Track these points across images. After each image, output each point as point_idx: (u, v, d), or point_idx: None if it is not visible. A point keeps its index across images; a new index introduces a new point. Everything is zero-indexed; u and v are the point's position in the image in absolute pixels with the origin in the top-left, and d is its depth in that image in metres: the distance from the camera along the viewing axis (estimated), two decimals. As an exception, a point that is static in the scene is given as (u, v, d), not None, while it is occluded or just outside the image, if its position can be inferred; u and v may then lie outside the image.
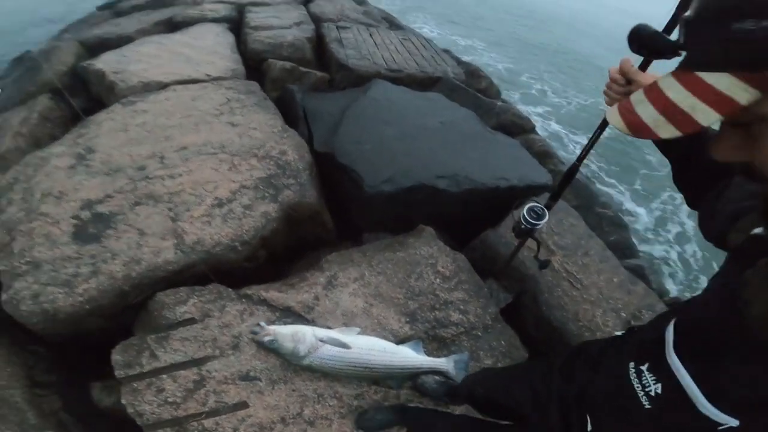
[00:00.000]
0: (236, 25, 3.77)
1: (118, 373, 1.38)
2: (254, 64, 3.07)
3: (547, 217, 1.36)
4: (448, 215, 2.18)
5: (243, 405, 1.34)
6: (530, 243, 1.62)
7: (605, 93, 0.81)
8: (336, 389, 1.44)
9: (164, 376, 1.36)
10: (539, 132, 3.62)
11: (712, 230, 0.66)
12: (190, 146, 1.94)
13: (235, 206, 1.70)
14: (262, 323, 1.43)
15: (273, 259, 1.76)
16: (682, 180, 0.79)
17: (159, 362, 1.38)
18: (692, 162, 0.74)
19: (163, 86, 2.40)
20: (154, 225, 1.63)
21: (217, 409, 1.32)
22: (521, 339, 1.74)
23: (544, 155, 3.00)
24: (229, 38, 3.32)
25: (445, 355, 1.56)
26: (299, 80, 2.95)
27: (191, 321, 1.46)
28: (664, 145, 0.80)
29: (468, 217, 2.24)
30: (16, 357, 1.56)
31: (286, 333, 1.37)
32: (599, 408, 0.72)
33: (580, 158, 1.31)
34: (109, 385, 1.55)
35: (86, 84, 2.70)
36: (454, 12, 13.71)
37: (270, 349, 1.39)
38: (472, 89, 3.33)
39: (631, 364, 0.66)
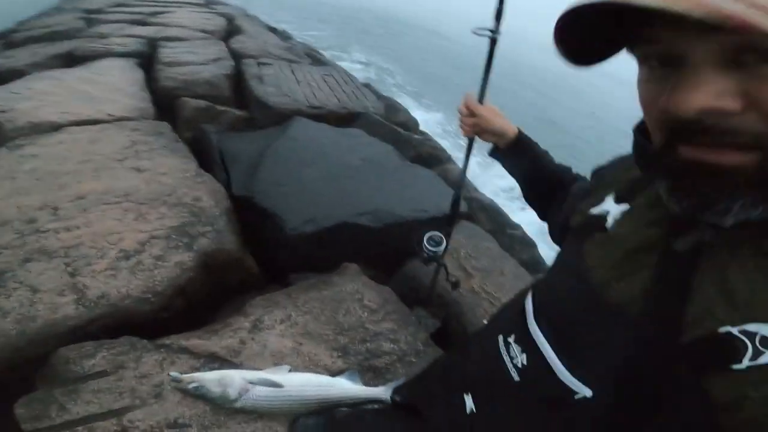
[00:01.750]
0: (147, 60, 3.69)
1: (25, 426, 1.26)
2: (166, 103, 3.03)
3: (444, 244, 1.54)
4: (372, 250, 2.30)
5: None
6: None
7: (463, 128, 1.06)
8: (275, 429, 1.44)
9: (79, 428, 1.27)
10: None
11: (556, 229, 0.80)
12: (89, 195, 1.85)
13: (144, 257, 1.66)
14: (174, 374, 1.37)
15: (193, 306, 1.74)
16: (529, 195, 1.00)
17: (71, 414, 1.29)
18: (532, 177, 0.95)
19: (57, 127, 2.27)
20: (49, 281, 1.54)
21: None
22: (452, 359, 1.90)
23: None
24: (138, 74, 3.24)
25: (382, 384, 1.65)
26: (216, 120, 2.96)
27: (103, 373, 1.40)
28: (510, 166, 1.02)
29: (391, 250, 2.39)
30: None
31: (211, 378, 1.33)
32: (476, 388, 0.75)
33: (459, 185, 1.51)
34: None
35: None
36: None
37: (196, 395, 1.33)
38: (391, 123, 3.58)
39: (500, 337, 0.67)
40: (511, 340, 0.64)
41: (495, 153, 1.07)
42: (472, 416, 0.75)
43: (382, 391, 1.54)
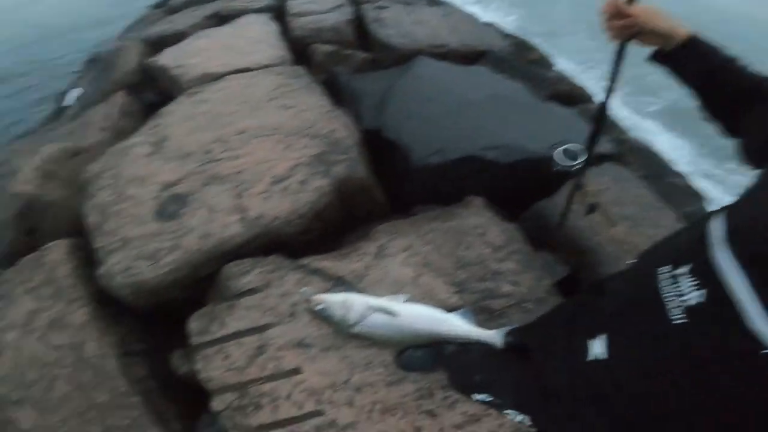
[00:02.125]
0: (278, 13, 3.99)
1: (193, 339, 1.60)
2: (300, 50, 3.28)
3: (583, 158, 1.36)
4: (499, 187, 2.20)
5: (297, 371, 1.50)
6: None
7: (608, 30, 0.88)
8: (384, 357, 1.56)
9: (231, 342, 1.57)
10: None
11: (755, 147, 0.63)
12: (248, 130, 2.15)
13: (291, 183, 1.89)
14: (305, 289, 1.55)
15: (326, 232, 1.94)
16: (712, 108, 0.78)
17: (227, 329, 1.59)
18: (718, 85, 0.74)
19: (218, 77, 2.67)
20: (222, 202, 1.87)
21: (275, 375, 1.50)
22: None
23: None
24: (273, 27, 3.54)
25: (494, 328, 1.63)
26: (344, 62, 3.09)
27: (254, 291, 1.67)
28: (682, 74, 0.80)
29: (519, 189, 2.26)
30: (111, 327, 1.83)
31: (335, 301, 1.49)
32: (612, 330, 0.67)
33: (607, 95, 1.27)
34: (186, 352, 1.77)
35: (154, 79, 3.04)
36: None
37: (321, 317, 1.52)
38: (521, 61, 3.26)
39: (664, 270, 0.57)
40: (682, 271, 0.54)
41: (659, 57, 0.86)
42: (598, 363, 0.68)
43: (493, 335, 1.49)
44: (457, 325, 1.55)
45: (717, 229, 0.53)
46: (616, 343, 0.66)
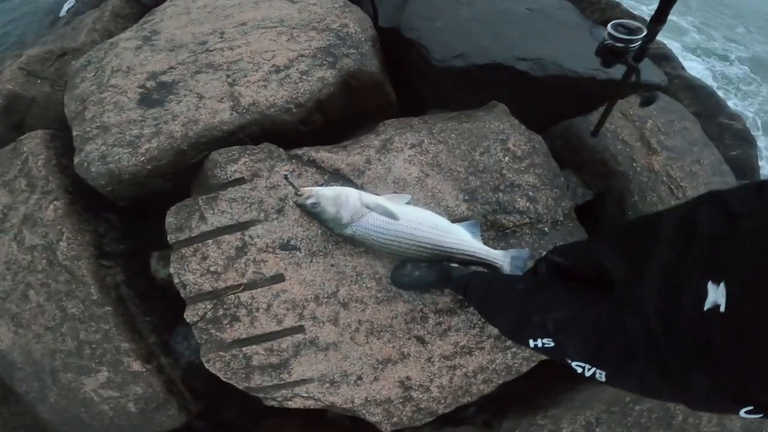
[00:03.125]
0: None
1: (170, 237, 1.44)
2: None
3: (642, 33, 1.08)
4: (526, 102, 1.92)
5: (279, 278, 1.32)
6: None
7: None
8: (376, 269, 1.36)
9: (210, 241, 1.39)
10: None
11: None
12: (249, 22, 1.93)
13: (291, 72, 1.67)
14: (287, 173, 1.28)
15: (329, 125, 1.72)
16: None
17: (207, 225, 1.41)
18: None
19: None
20: (212, 89, 1.66)
21: (255, 282, 1.32)
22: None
23: (660, 57, 2.52)
24: None
25: (502, 248, 1.39)
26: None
27: (240, 181, 1.48)
28: None
29: (550, 108, 1.98)
30: (88, 224, 1.70)
31: (329, 195, 1.24)
32: (752, 269, 0.53)
33: None
34: (166, 255, 1.66)
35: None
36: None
37: (311, 213, 1.27)
38: (570, -21, 2.87)
39: None
40: None
41: None
42: (715, 313, 0.54)
43: (500, 256, 1.29)
44: (464, 239, 1.29)
45: None
46: (749, 291, 0.52)
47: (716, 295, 0.54)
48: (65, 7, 3.13)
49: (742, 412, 0.56)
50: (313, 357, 1.24)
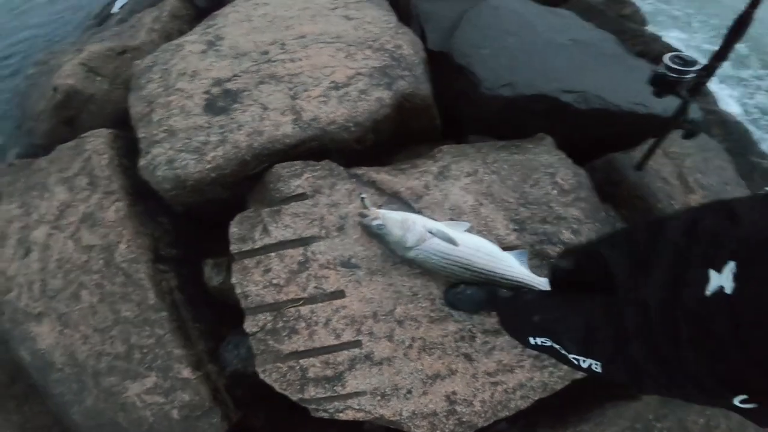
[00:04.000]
0: None
1: (233, 247, 1.48)
2: None
3: (697, 66, 1.13)
4: (567, 133, 2.00)
5: (340, 294, 1.39)
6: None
7: None
8: (431, 290, 1.43)
9: (273, 254, 1.45)
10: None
11: None
12: (308, 35, 1.99)
13: (350, 90, 1.72)
14: (365, 196, 1.36)
15: (380, 144, 1.79)
16: None
17: (270, 238, 1.46)
18: None
19: None
20: (276, 101, 1.72)
21: (315, 296, 1.39)
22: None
23: (696, 91, 2.60)
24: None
25: (545, 276, 1.48)
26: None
27: (303, 196, 1.53)
28: None
29: (590, 140, 2.04)
30: (146, 228, 1.74)
31: (395, 219, 1.30)
32: (759, 256, 0.54)
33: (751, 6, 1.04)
34: (220, 262, 1.71)
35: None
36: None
37: (376, 234, 1.33)
38: (612, 12, 2.94)
39: None
40: None
41: None
42: (719, 297, 0.55)
43: (545, 283, 1.34)
44: (513, 265, 1.37)
45: None
46: (756, 276, 0.52)
47: (720, 279, 0.55)
48: (118, 4, 3.19)
49: (736, 401, 0.57)
50: (368, 371, 1.31)
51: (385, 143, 1.83)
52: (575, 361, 0.85)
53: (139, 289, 1.59)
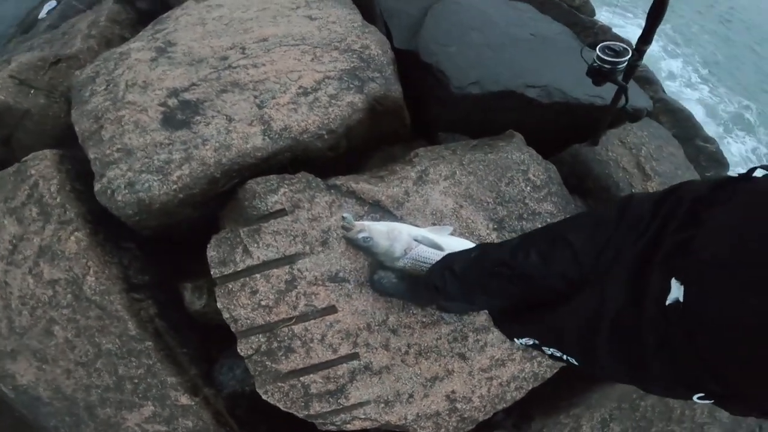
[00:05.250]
0: None
1: (214, 271, 1.40)
2: None
3: (628, 55, 1.18)
4: (532, 126, 2.04)
5: (332, 309, 1.35)
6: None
7: None
8: None
9: (257, 275, 1.38)
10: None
11: None
12: (271, 38, 1.88)
13: (320, 95, 1.65)
14: (347, 215, 1.28)
15: (352, 150, 1.74)
16: None
17: (252, 259, 1.39)
18: None
19: None
20: (241, 111, 1.60)
21: (307, 314, 1.35)
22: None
23: (644, 81, 2.73)
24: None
25: None
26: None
27: (282, 212, 1.46)
28: None
29: (553, 132, 2.11)
30: (112, 256, 1.60)
31: (381, 230, 1.25)
32: (708, 265, 0.56)
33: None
34: (199, 285, 1.61)
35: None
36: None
37: (362, 247, 1.27)
38: (566, 4, 3.02)
39: None
40: None
41: None
42: (676, 307, 0.56)
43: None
44: None
45: None
46: (708, 291, 0.54)
47: (679, 292, 0.57)
48: (45, 8, 2.86)
49: (694, 398, 0.60)
50: (368, 381, 1.30)
51: (356, 148, 1.78)
52: (556, 354, 0.85)
53: (117, 321, 1.49)
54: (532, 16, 2.60)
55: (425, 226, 1.43)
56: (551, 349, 0.86)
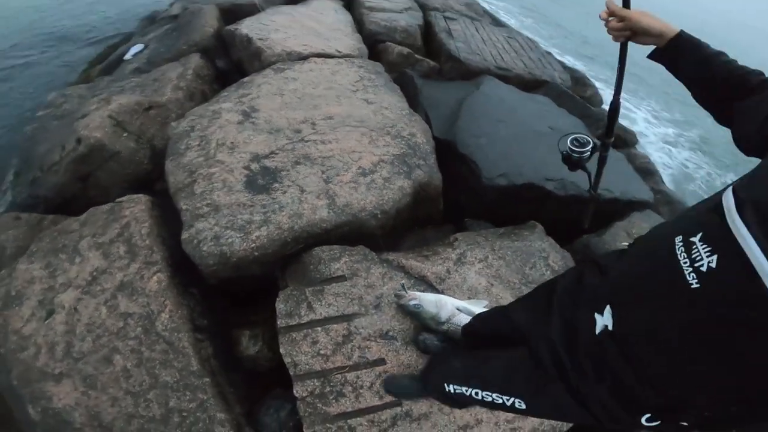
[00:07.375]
0: (348, 2, 3.97)
1: (280, 321, 1.56)
2: (370, 44, 3.19)
3: (590, 145, 1.32)
4: (549, 216, 2.31)
5: (381, 362, 1.53)
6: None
7: (610, 33, 0.94)
8: None
9: (319, 328, 1.55)
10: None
11: (752, 135, 0.68)
12: (335, 116, 2.15)
13: (376, 177, 1.88)
14: (404, 285, 1.55)
15: (394, 229, 1.94)
16: (703, 99, 0.84)
17: (315, 314, 1.57)
18: (708, 78, 0.80)
19: (303, 57, 2.59)
20: (311, 184, 1.83)
21: (359, 364, 1.52)
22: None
23: (645, 172, 3.05)
24: (347, 16, 3.49)
25: None
26: (413, 66, 3.12)
27: (342, 278, 1.66)
28: (673, 68, 0.86)
29: (568, 222, 2.38)
30: (183, 298, 1.73)
31: (430, 299, 1.51)
32: (625, 298, 0.66)
33: (616, 93, 1.22)
34: (255, 333, 1.76)
35: (227, 47, 2.97)
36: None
37: (411, 312, 1.52)
38: (578, 96, 3.39)
39: (678, 239, 0.57)
40: (695, 239, 0.55)
41: (656, 55, 0.91)
42: (606, 335, 0.67)
43: None
44: None
45: (729, 200, 0.54)
46: (623, 312, 0.65)
47: (603, 320, 0.66)
48: (132, 51, 3.16)
49: (643, 420, 0.62)
50: (408, 426, 1.45)
51: (398, 228, 1.97)
52: (498, 400, 0.90)
53: (182, 356, 1.61)
54: (550, 109, 2.93)
55: (463, 299, 1.67)
56: (494, 394, 0.90)
